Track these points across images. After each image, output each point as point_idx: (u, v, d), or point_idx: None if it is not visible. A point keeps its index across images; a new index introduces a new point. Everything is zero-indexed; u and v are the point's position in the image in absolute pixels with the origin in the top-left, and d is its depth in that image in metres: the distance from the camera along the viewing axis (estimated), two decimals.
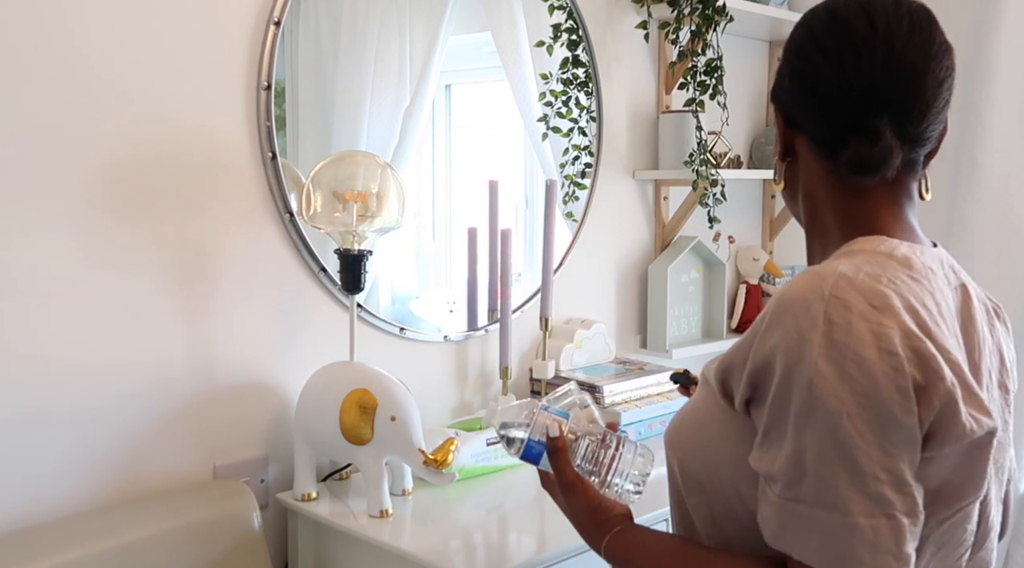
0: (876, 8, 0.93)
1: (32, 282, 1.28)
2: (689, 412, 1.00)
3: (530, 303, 1.92)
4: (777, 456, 0.82)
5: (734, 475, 0.90)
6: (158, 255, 1.39)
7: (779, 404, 0.82)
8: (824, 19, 0.95)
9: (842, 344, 0.80)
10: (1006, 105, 2.31)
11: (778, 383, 0.82)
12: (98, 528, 1.28)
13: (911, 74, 0.92)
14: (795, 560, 0.81)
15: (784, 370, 0.82)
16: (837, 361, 0.79)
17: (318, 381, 1.45)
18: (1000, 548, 2.32)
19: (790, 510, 0.82)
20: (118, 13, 1.33)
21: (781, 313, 0.84)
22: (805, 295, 0.83)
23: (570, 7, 1.94)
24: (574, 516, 1.02)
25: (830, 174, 0.95)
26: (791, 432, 0.81)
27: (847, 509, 0.78)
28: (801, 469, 0.80)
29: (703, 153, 2.02)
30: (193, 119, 1.41)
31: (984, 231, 2.34)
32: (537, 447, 1.04)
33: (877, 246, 0.90)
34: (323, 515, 1.42)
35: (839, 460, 0.79)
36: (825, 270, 0.85)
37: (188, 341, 1.43)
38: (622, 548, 0.98)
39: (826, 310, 0.81)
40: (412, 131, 1.75)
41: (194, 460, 1.46)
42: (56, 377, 1.31)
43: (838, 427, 0.79)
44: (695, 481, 0.96)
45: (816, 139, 0.95)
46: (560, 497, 1.04)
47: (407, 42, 1.73)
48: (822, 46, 0.93)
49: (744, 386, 0.87)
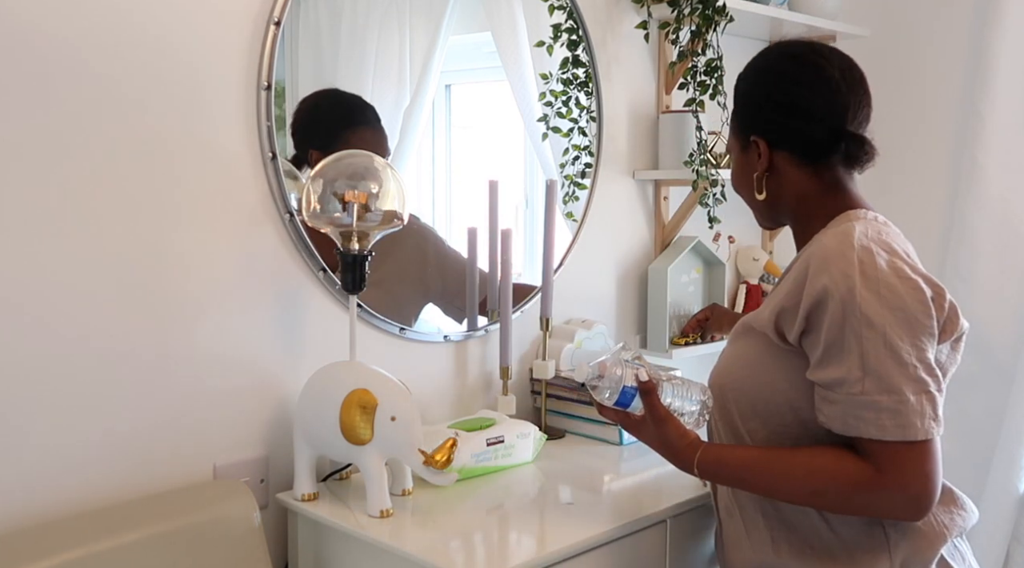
0: (822, 50, 1.30)
1: (32, 282, 1.28)
2: (734, 359, 1.32)
3: (530, 303, 1.92)
4: (841, 365, 1.14)
5: (790, 395, 1.23)
6: (157, 254, 1.39)
7: (838, 327, 1.14)
8: (788, 63, 1.30)
9: (874, 277, 1.14)
10: (1006, 105, 2.31)
11: (835, 312, 1.14)
12: (98, 528, 1.28)
13: (862, 92, 1.28)
14: (866, 439, 1.13)
15: (839, 302, 1.14)
16: (874, 289, 1.14)
17: (318, 381, 1.45)
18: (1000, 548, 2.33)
19: (859, 402, 1.13)
20: (118, 13, 1.33)
21: (825, 262, 1.17)
22: (840, 248, 1.18)
23: (570, 7, 1.94)
24: (666, 444, 1.28)
25: (812, 175, 1.30)
26: (853, 345, 1.13)
27: (901, 391, 1.12)
28: (864, 369, 1.13)
29: (703, 153, 2.02)
30: (193, 119, 1.41)
31: (984, 231, 2.34)
32: (631, 391, 1.27)
33: (863, 215, 1.26)
34: (323, 515, 1.42)
35: (890, 358, 1.12)
36: (845, 231, 1.20)
37: (188, 341, 1.43)
38: (713, 459, 1.25)
39: (858, 256, 1.16)
40: (412, 131, 1.75)
41: (194, 460, 1.46)
42: (55, 376, 1.31)
43: (885, 334, 1.12)
44: (752, 409, 1.27)
45: (799, 151, 1.29)
46: (650, 430, 1.29)
47: (407, 42, 1.73)
48: (799, 81, 1.27)
49: (800, 321, 1.18)
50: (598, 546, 1.35)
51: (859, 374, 1.13)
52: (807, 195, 1.30)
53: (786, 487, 1.21)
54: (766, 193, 1.32)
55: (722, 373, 1.34)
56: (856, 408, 1.14)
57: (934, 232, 2.43)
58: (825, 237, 1.23)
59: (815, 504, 1.23)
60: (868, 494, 1.15)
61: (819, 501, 1.21)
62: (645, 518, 1.42)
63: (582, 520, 1.41)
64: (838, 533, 1.25)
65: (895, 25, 2.54)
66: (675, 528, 1.47)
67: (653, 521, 1.44)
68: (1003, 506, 2.25)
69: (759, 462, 1.23)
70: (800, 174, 1.30)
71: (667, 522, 1.46)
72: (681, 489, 1.52)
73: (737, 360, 1.32)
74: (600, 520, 1.40)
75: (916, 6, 2.52)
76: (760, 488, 1.25)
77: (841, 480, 1.16)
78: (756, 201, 1.35)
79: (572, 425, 1.85)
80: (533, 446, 1.66)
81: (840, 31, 2.34)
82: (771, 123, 1.30)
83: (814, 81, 1.26)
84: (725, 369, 1.34)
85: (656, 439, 1.29)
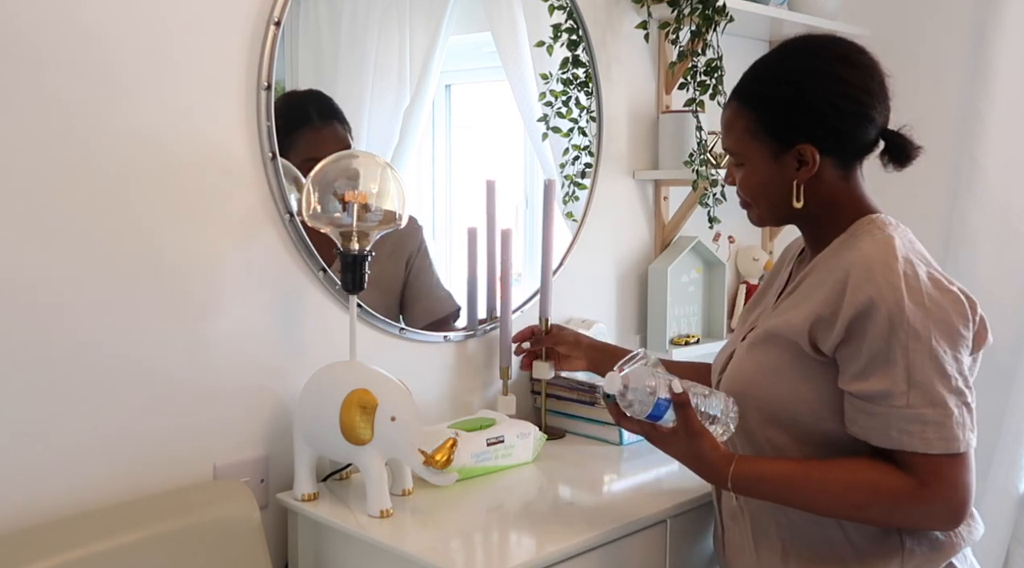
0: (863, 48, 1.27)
1: (30, 282, 1.28)
2: (755, 366, 1.28)
3: (530, 303, 1.92)
4: (887, 378, 1.13)
5: (814, 406, 1.21)
6: (157, 255, 1.39)
7: (883, 339, 1.13)
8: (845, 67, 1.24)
9: (919, 289, 1.14)
10: (1006, 105, 2.31)
11: (881, 324, 1.13)
12: (98, 528, 1.28)
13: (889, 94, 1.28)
14: (909, 453, 1.13)
15: (885, 314, 1.13)
16: (919, 301, 1.13)
17: (318, 381, 1.45)
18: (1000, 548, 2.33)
19: (904, 415, 1.12)
20: (117, 13, 1.33)
21: (869, 272, 1.15)
22: (884, 258, 1.16)
23: (570, 7, 1.94)
24: (699, 457, 1.22)
25: (844, 178, 1.27)
26: (899, 357, 1.12)
27: (945, 404, 1.12)
28: (909, 382, 1.12)
29: (703, 153, 2.02)
30: (193, 119, 1.41)
31: (984, 231, 2.34)
32: (665, 403, 1.21)
33: (887, 221, 1.25)
34: (323, 515, 1.42)
35: (934, 370, 1.12)
36: (886, 242, 1.19)
37: (188, 341, 1.43)
38: (748, 473, 1.21)
39: (902, 267, 1.15)
40: (412, 131, 1.75)
41: (194, 460, 1.46)
42: (55, 377, 1.31)
43: (931, 347, 1.12)
44: (772, 418, 1.25)
45: (848, 156, 1.26)
46: (683, 443, 1.22)
47: (407, 42, 1.73)
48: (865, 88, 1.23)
49: (839, 331, 1.16)
50: (598, 546, 1.35)
51: (904, 387, 1.12)
52: (836, 198, 1.27)
53: (825, 501, 1.19)
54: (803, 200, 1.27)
55: (740, 380, 1.30)
56: (901, 421, 1.13)
57: (934, 232, 2.43)
58: (864, 245, 1.20)
59: (854, 517, 1.21)
60: (911, 507, 1.15)
61: (859, 514, 1.20)
62: (645, 518, 1.42)
63: (582, 520, 1.41)
64: (853, 541, 1.24)
65: (895, 25, 2.53)
66: (675, 528, 1.47)
67: (653, 521, 1.43)
68: (1003, 506, 2.25)
69: (796, 477, 1.20)
70: (835, 177, 1.26)
71: (667, 522, 1.46)
72: (681, 489, 1.52)
73: (759, 367, 1.28)
74: (600, 520, 1.40)
75: (916, 6, 2.52)
76: (797, 503, 1.22)
77: (884, 494, 1.15)
78: (781, 208, 1.29)
79: (572, 425, 1.85)
80: (533, 446, 1.66)
81: (840, 31, 2.33)
82: (834, 132, 1.24)
83: (875, 86, 1.24)
84: (743, 376, 1.30)
85: (688, 452, 1.23)
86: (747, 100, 1.28)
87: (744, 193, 1.33)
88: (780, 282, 1.40)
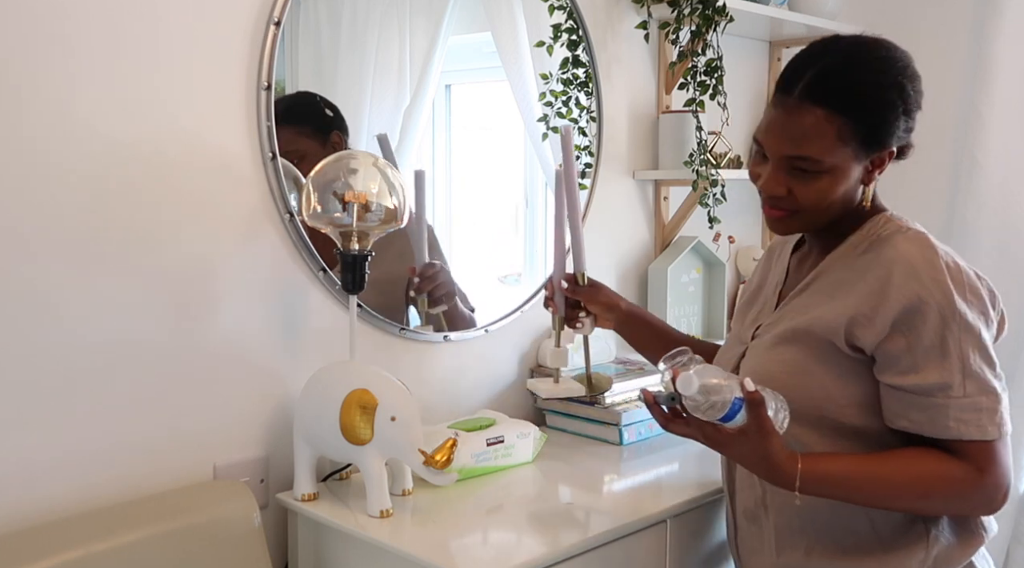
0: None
1: (31, 283, 1.28)
2: (780, 363, 1.26)
3: (530, 303, 1.92)
4: (943, 370, 1.15)
5: (844, 402, 1.22)
6: (157, 255, 1.39)
7: (936, 333, 1.15)
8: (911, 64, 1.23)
9: (960, 283, 1.17)
10: (1006, 105, 2.31)
11: (933, 319, 1.15)
12: (98, 528, 1.28)
13: None
14: (965, 441, 1.15)
15: (936, 309, 1.15)
16: (963, 295, 1.17)
17: (318, 381, 1.45)
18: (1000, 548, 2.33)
19: (962, 405, 1.15)
20: (117, 13, 1.33)
21: (913, 269, 1.17)
22: (926, 255, 1.18)
23: (570, 7, 1.94)
24: (767, 457, 1.16)
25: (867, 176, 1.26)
26: (952, 349, 1.15)
27: (995, 391, 1.17)
28: (964, 373, 1.15)
29: (703, 153, 2.02)
30: (193, 119, 1.41)
31: (984, 231, 2.34)
32: (739, 403, 1.14)
33: (901, 217, 1.27)
34: (323, 515, 1.42)
35: (983, 360, 1.17)
36: (918, 237, 1.22)
37: (188, 341, 1.43)
38: (814, 471, 1.17)
39: (944, 263, 1.18)
40: (412, 131, 1.75)
41: (194, 460, 1.46)
42: (54, 377, 1.31)
43: (979, 337, 1.17)
44: (800, 414, 1.21)
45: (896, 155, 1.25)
46: (750, 444, 1.15)
47: (407, 42, 1.73)
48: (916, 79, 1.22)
49: (881, 328, 1.17)
50: (598, 546, 1.35)
51: (960, 378, 1.15)
52: (856, 197, 1.26)
53: (890, 495, 1.18)
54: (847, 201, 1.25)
55: (764, 379, 1.22)
56: (959, 411, 1.15)
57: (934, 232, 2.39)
58: (899, 243, 1.21)
59: (914, 509, 1.22)
60: (971, 493, 1.17)
61: (920, 505, 1.21)
62: (645, 518, 1.42)
63: (582, 520, 1.41)
64: (880, 532, 1.24)
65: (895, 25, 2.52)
66: (675, 528, 1.47)
67: (653, 521, 1.43)
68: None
69: (860, 473, 1.19)
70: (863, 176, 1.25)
71: (667, 522, 1.46)
72: (681, 489, 1.52)
73: (784, 366, 1.25)
74: (600, 520, 1.40)
75: (916, 6, 2.51)
76: (862, 499, 1.21)
77: (947, 483, 1.17)
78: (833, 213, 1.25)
79: (572, 425, 1.85)
80: (533, 446, 1.66)
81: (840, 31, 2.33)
82: (908, 133, 1.23)
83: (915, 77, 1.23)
84: (767, 375, 1.24)
85: (756, 453, 1.16)
86: (840, 105, 1.18)
87: (810, 202, 1.23)
88: (776, 279, 1.39)
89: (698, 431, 1.19)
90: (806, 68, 1.21)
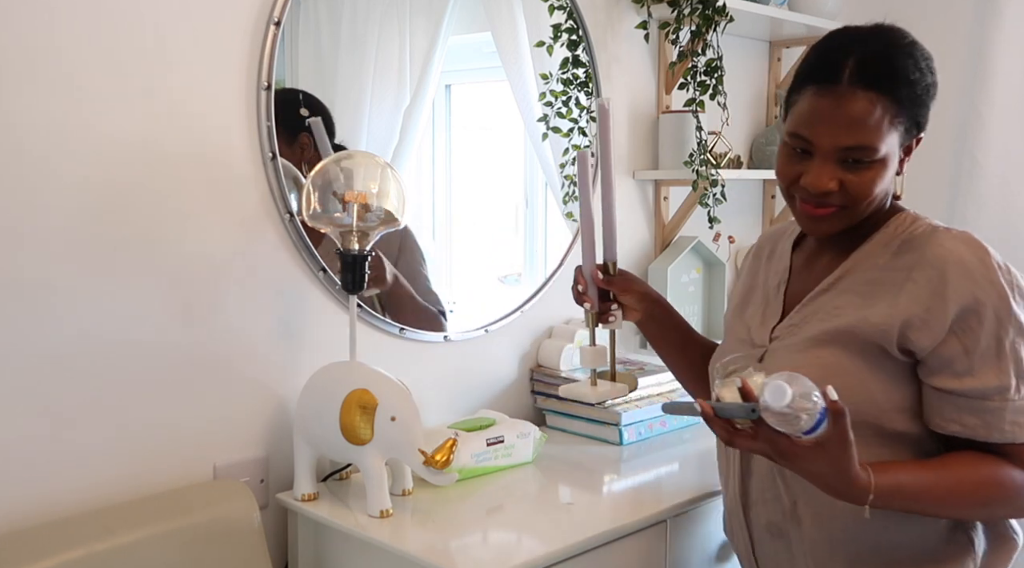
0: None
1: (32, 283, 1.28)
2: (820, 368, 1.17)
3: (530, 303, 1.92)
4: (1000, 373, 1.13)
5: (886, 406, 1.17)
6: (157, 255, 1.39)
7: (993, 336, 1.13)
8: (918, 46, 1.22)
9: (1012, 284, 1.15)
10: (1006, 105, 2.31)
11: (989, 321, 1.12)
12: (98, 528, 1.28)
13: None
14: (1019, 444, 1.13)
15: (992, 311, 1.12)
16: (1016, 296, 1.14)
17: (318, 381, 1.45)
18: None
19: (1017, 407, 1.13)
20: (117, 13, 1.33)
21: (968, 271, 1.13)
22: (977, 255, 1.15)
23: (570, 7, 1.94)
24: (845, 472, 1.07)
25: None
26: (1008, 352, 1.13)
27: None
28: (1019, 373, 1.13)
29: (703, 153, 2.02)
30: (193, 119, 1.41)
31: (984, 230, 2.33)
32: (823, 414, 1.03)
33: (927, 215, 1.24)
34: (323, 515, 1.42)
35: None
36: (965, 236, 1.17)
37: (188, 341, 1.43)
38: (888, 484, 1.10)
39: (996, 263, 1.15)
40: (412, 131, 1.75)
41: (194, 460, 1.46)
42: (54, 377, 1.31)
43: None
44: None
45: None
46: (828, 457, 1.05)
47: (407, 42, 1.73)
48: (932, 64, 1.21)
49: (938, 331, 1.13)
50: (598, 546, 1.35)
51: (1015, 381, 1.13)
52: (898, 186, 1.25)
53: (956, 503, 1.15)
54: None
55: None
56: (1016, 414, 1.13)
57: None
58: (947, 243, 1.16)
59: (975, 516, 1.21)
60: None
61: (982, 512, 1.19)
62: (645, 518, 1.42)
63: (582, 520, 1.41)
64: (927, 543, 1.21)
65: None
66: (675, 528, 1.47)
67: (653, 521, 1.43)
68: None
69: (929, 482, 1.13)
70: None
71: (667, 522, 1.46)
72: (681, 489, 1.52)
73: (823, 369, 1.16)
74: (600, 520, 1.40)
75: (916, 6, 2.51)
76: (930, 509, 1.16)
77: (1008, 488, 1.14)
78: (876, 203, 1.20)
79: (572, 425, 1.85)
80: (533, 446, 1.66)
81: None
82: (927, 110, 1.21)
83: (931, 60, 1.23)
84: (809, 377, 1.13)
85: (833, 467, 1.07)
86: (890, 88, 1.14)
87: (861, 195, 1.17)
88: (778, 278, 1.34)
89: (768, 445, 1.07)
90: (846, 55, 1.17)
